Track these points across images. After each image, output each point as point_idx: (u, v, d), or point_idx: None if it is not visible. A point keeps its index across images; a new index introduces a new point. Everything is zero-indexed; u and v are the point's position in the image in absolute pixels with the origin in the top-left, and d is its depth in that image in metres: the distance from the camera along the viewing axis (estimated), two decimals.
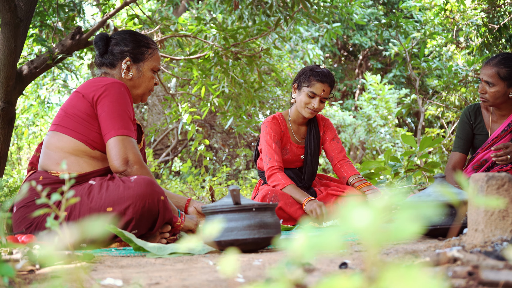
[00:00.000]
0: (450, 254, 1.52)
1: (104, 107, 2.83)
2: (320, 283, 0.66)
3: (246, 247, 2.30)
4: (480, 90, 3.82)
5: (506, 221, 1.76)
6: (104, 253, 2.42)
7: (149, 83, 3.14)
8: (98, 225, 0.86)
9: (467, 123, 4.04)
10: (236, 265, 0.83)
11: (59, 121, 2.89)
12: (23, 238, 2.54)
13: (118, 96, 2.86)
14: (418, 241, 2.52)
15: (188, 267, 1.91)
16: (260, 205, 2.33)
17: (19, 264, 1.78)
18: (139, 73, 3.08)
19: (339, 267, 1.65)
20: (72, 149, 2.84)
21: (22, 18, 4.70)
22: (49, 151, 2.87)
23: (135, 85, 3.10)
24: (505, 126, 3.89)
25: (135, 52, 3.07)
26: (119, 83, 2.90)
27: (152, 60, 3.11)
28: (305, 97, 3.96)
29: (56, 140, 2.86)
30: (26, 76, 5.06)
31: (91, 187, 2.71)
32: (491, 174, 1.79)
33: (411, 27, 9.10)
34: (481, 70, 3.86)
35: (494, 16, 7.07)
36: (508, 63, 3.76)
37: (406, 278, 0.51)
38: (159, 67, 3.19)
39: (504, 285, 1.28)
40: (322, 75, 3.94)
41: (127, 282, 1.56)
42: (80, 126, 2.85)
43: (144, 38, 3.15)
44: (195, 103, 10.22)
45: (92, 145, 2.85)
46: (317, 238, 0.66)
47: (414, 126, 13.68)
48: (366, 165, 5.23)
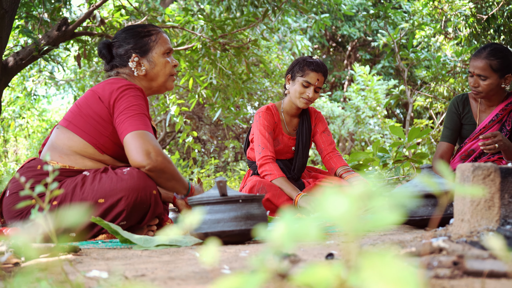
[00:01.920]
0: (436, 244, 1.53)
1: (121, 108, 2.76)
2: (301, 272, 0.66)
3: (233, 238, 2.31)
4: (473, 84, 3.83)
5: (492, 211, 1.77)
6: (90, 246, 2.41)
7: (166, 69, 3.04)
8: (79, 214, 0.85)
9: (455, 113, 4.05)
10: (218, 255, 0.84)
11: (72, 119, 2.84)
12: (8, 231, 2.53)
13: (134, 98, 2.79)
14: (404, 231, 2.54)
15: (175, 259, 1.91)
16: (247, 197, 2.33)
17: (3, 257, 1.78)
18: (151, 64, 3.00)
19: (325, 258, 1.65)
20: (80, 149, 2.80)
21: (7, 9, 4.67)
22: (56, 145, 2.83)
23: (152, 77, 3.03)
24: (493, 116, 3.92)
25: (139, 45, 2.99)
26: (135, 87, 2.84)
27: (159, 45, 3.02)
28: (299, 87, 3.98)
29: (66, 138, 2.81)
30: (12, 68, 5.03)
31: (84, 178, 2.68)
32: (477, 164, 1.79)
33: (400, 17, 9.11)
34: (471, 63, 3.86)
35: (482, 6, 7.09)
36: (498, 54, 3.78)
37: (383, 266, 0.51)
38: (170, 47, 3.09)
39: (488, 274, 1.29)
40: (316, 65, 3.98)
41: (112, 274, 1.56)
42: (92, 129, 2.80)
43: (143, 27, 3.06)
44: (183, 94, 10.19)
45: (101, 149, 2.80)
46: (296, 227, 0.67)
47: (403, 117, 13.73)
48: (355, 156, 5.24)
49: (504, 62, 3.78)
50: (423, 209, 2.55)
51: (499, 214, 1.77)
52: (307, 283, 0.65)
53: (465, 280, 1.29)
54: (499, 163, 3.78)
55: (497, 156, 3.83)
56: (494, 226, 1.75)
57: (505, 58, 3.79)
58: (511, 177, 1.83)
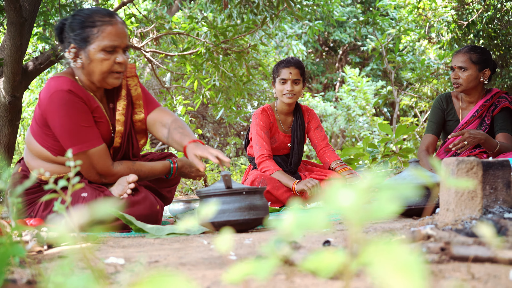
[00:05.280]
0: (424, 232, 1.53)
1: (54, 123, 2.51)
2: (307, 259, 0.67)
3: (238, 227, 2.31)
4: (454, 77, 3.85)
5: (475, 201, 1.77)
6: (106, 235, 2.42)
7: (103, 66, 2.53)
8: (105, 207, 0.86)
9: (439, 109, 4.06)
10: (230, 243, 0.84)
11: (32, 121, 2.65)
12: (32, 221, 2.53)
13: (62, 110, 2.48)
14: (394, 220, 2.54)
15: (185, 246, 1.91)
16: (250, 189, 2.34)
17: (28, 245, 1.78)
18: (87, 58, 2.53)
19: (323, 244, 1.66)
20: (37, 153, 2.64)
21: (26, 17, 4.67)
22: (26, 147, 2.70)
23: (89, 72, 2.56)
24: (473, 112, 3.93)
25: (80, 35, 2.51)
26: (61, 93, 2.48)
27: (100, 40, 2.50)
28: (278, 85, 4.02)
29: (28, 141, 2.67)
30: (31, 71, 5.02)
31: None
32: (461, 159, 1.80)
33: (387, 24, 9.09)
34: (453, 59, 3.90)
35: (463, 13, 7.08)
36: (477, 50, 3.86)
37: (386, 253, 0.52)
38: (114, 44, 2.53)
39: (473, 259, 1.29)
40: (286, 62, 4.03)
41: (128, 261, 1.56)
42: (40, 132, 2.60)
43: (90, 16, 2.54)
44: (188, 95, 10.18)
45: (54, 151, 2.60)
46: (304, 217, 0.67)
47: (390, 115, 13.72)
48: (346, 152, 5.25)
49: (483, 56, 3.83)
50: (411, 200, 2.56)
51: (481, 204, 1.77)
52: (312, 268, 0.65)
53: (451, 264, 1.29)
54: (481, 157, 3.78)
55: (479, 150, 3.84)
56: (477, 215, 1.76)
57: (483, 53, 3.85)
58: (492, 170, 1.83)
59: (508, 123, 3.89)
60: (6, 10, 4.42)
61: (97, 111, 2.62)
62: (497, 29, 6.66)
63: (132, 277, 1.26)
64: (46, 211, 2.63)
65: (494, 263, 1.28)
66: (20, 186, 1.23)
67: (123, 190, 2.60)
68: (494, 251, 1.28)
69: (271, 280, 1.18)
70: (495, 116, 3.91)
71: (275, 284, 1.14)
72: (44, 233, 1.83)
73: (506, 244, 1.33)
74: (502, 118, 3.89)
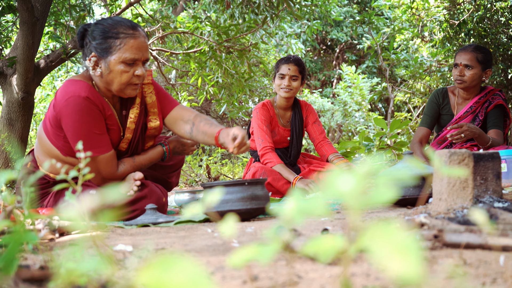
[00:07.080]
0: (418, 220, 1.53)
1: (67, 127, 2.46)
2: (307, 244, 0.66)
3: (240, 216, 2.32)
4: (459, 73, 3.83)
5: (466, 191, 1.77)
6: (115, 224, 2.42)
7: (122, 78, 2.46)
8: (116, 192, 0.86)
9: (435, 103, 4.06)
10: (234, 231, 0.84)
11: (45, 119, 2.61)
12: (44, 210, 2.53)
13: (77, 115, 2.43)
14: (389, 209, 2.54)
15: (190, 234, 1.92)
16: (252, 180, 2.34)
17: (41, 233, 1.78)
18: (107, 69, 2.46)
19: (321, 232, 1.66)
20: (47, 150, 2.60)
21: (38, 17, 4.66)
22: (37, 142, 2.67)
23: (107, 81, 2.50)
24: (467, 108, 3.93)
25: (102, 45, 2.45)
26: (78, 99, 2.43)
27: (121, 52, 2.43)
28: (277, 80, 4.05)
29: (39, 137, 2.64)
30: (43, 69, 5.02)
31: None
32: (453, 150, 1.80)
33: (382, 23, 9.07)
34: (458, 56, 3.88)
35: (454, 13, 7.06)
36: (482, 50, 3.86)
37: (384, 236, 0.52)
38: (136, 57, 2.47)
39: (465, 246, 1.29)
40: (286, 58, 4.05)
41: (136, 248, 1.56)
42: (52, 132, 2.55)
43: (113, 26, 2.46)
44: (192, 92, 10.17)
45: (64, 151, 2.56)
46: (305, 204, 0.67)
47: (385, 110, 13.70)
48: (343, 145, 5.24)
49: (487, 56, 3.84)
50: (405, 190, 2.56)
51: (472, 194, 1.77)
52: (312, 252, 0.65)
53: (444, 251, 1.29)
54: (472, 149, 3.78)
55: (470, 144, 3.83)
56: (468, 205, 1.76)
57: (487, 54, 3.86)
58: (482, 161, 1.83)
59: (500, 120, 3.89)
60: (18, 10, 4.41)
61: (111, 118, 2.57)
62: (487, 28, 6.64)
63: (140, 262, 1.26)
64: (56, 204, 2.63)
65: (485, 249, 1.27)
66: (33, 176, 1.23)
67: (130, 187, 2.59)
68: (485, 238, 1.27)
69: (272, 265, 1.18)
70: (489, 112, 3.91)
71: (276, 269, 1.14)
72: (56, 222, 1.83)
73: (496, 231, 1.33)
74: (495, 115, 3.90)
